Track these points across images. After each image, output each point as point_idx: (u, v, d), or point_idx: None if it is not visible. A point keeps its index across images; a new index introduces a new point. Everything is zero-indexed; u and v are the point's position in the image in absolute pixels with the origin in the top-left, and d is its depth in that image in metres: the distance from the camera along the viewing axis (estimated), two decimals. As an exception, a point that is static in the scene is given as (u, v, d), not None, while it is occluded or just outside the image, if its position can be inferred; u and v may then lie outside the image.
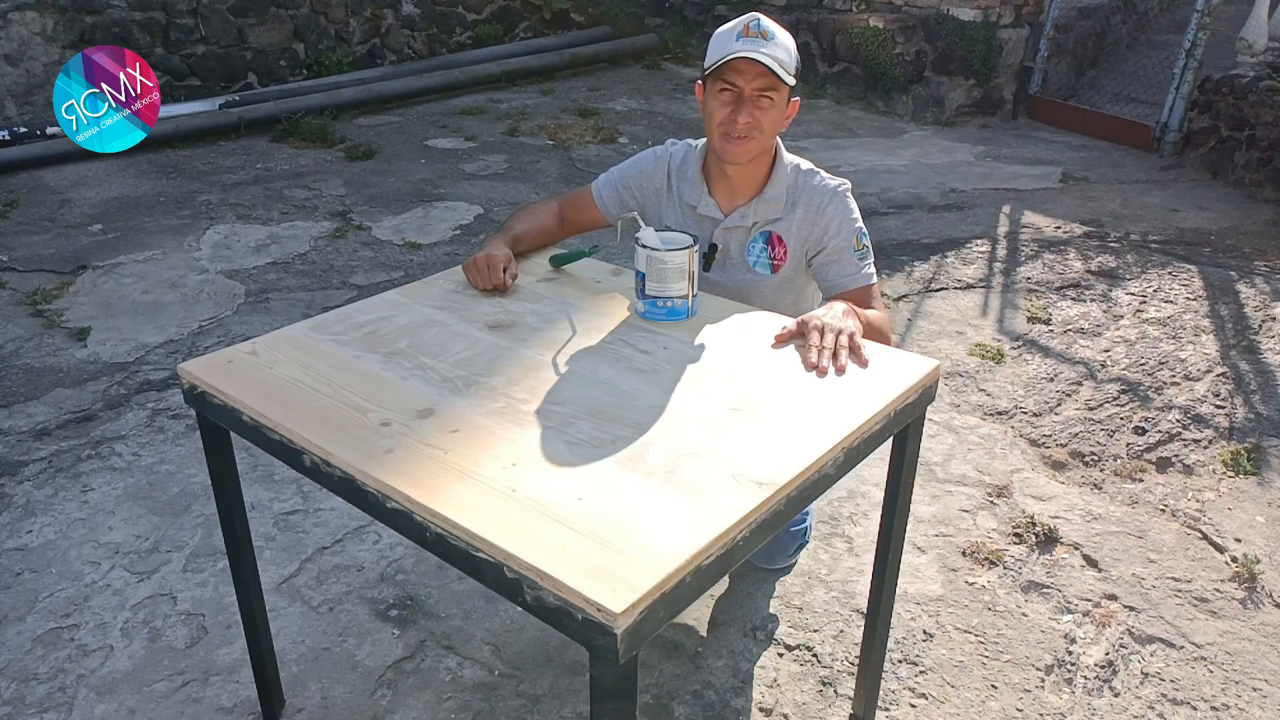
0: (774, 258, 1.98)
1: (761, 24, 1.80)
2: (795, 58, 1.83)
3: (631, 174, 2.08)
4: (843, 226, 1.93)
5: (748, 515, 1.19)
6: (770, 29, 1.80)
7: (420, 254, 4.19)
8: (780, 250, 1.97)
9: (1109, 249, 4.28)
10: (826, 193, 1.94)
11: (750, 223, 1.97)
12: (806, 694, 2.00)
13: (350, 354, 1.59)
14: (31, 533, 2.43)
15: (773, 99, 1.82)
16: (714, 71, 1.81)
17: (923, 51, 6.45)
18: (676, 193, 2.03)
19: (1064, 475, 2.74)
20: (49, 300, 3.68)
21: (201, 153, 5.52)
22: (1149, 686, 2.03)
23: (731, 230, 1.98)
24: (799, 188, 1.95)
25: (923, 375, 1.54)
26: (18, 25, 5.53)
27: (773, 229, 1.96)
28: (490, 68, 7.05)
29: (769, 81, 1.79)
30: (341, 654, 2.07)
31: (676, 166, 2.04)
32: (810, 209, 1.94)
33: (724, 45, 1.80)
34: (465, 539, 1.16)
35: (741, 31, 1.79)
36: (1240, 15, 5.68)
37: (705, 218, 1.99)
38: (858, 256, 1.93)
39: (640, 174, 2.07)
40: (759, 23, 1.80)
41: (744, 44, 1.78)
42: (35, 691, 1.96)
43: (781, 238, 1.96)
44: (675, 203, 2.03)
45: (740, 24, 1.81)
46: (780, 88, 1.82)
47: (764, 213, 1.96)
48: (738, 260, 2.00)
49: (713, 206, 1.98)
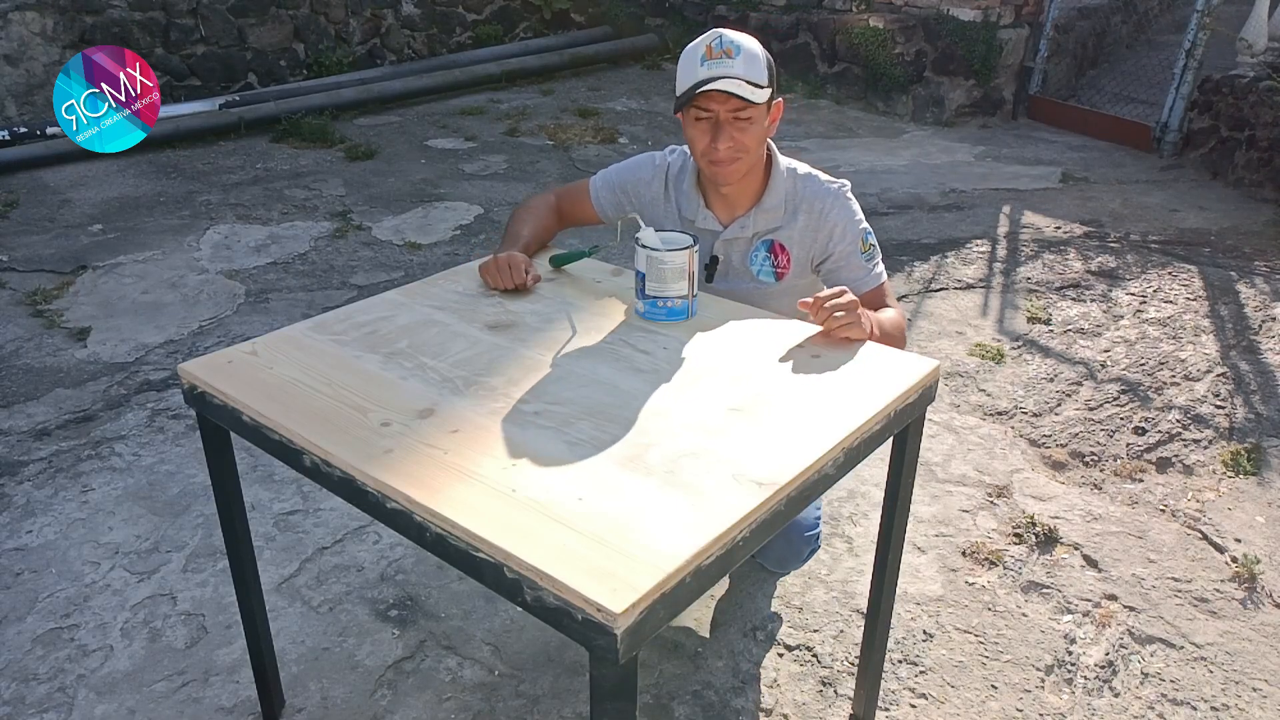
0: (778, 266, 1.95)
1: (724, 41, 1.73)
2: (767, 64, 1.77)
3: (629, 180, 2.05)
4: (847, 231, 1.90)
5: (748, 515, 1.19)
6: (735, 43, 1.73)
7: (420, 254, 4.19)
8: (784, 259, 1.94)
9: (1109, 249, 4.28)
10: (828, 197, 1.91)
11: (750, 233, 1.93)
12: (806, 694, 2.00)
13: (350, 354, 1.59)
14: (31, 533, 2.43)
15: (751, 116, 1.77)
16: (686, 100, 1.77)
17: (923, 52, 6.45)
18: (675, 204, 2.00)
19: (1064, 475, 2.74)
20: (49, 300, 3.68)
21: (201, 153, 5.52)
22: (1149, 687, 2.03)
23: (732, 242, 1.95)
24: (798, 194, 1.92)
25: (923, 375, 1.54)
26: (18, 25, 5.53)
27: (774, 237, 1.93)
28: (490, 68, 7.05)
29: (742, 102, 1.74)
30: (341, 654, 2.07)
31: (674, 178, 2.00)
32: (812, 215, 1.91)
33: (690, 72, 1.75)
34: (465, 539, 1.16)
35: (705, 55, 1.73)
36: (1240, 15, 5.68)
37: (704, 230, 1.96)
38: (865, 258, 1.90)
39: (638, 181, 2.04)
40: (721, 40, 1.74)
41: (709, 68, 1.72)
42: (35, 691, 1.96)
43: (784, 246, 1.93)
44: (673, 214, 1.99)
45: (703, 44, 1.75)
46: (756, 102, 1.76)
47: (764, 222, 1.93)
48: (741, 270, 1.97)
49: (711, 219, 1.95)
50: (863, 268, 1.90)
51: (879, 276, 1.92)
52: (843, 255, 1.90)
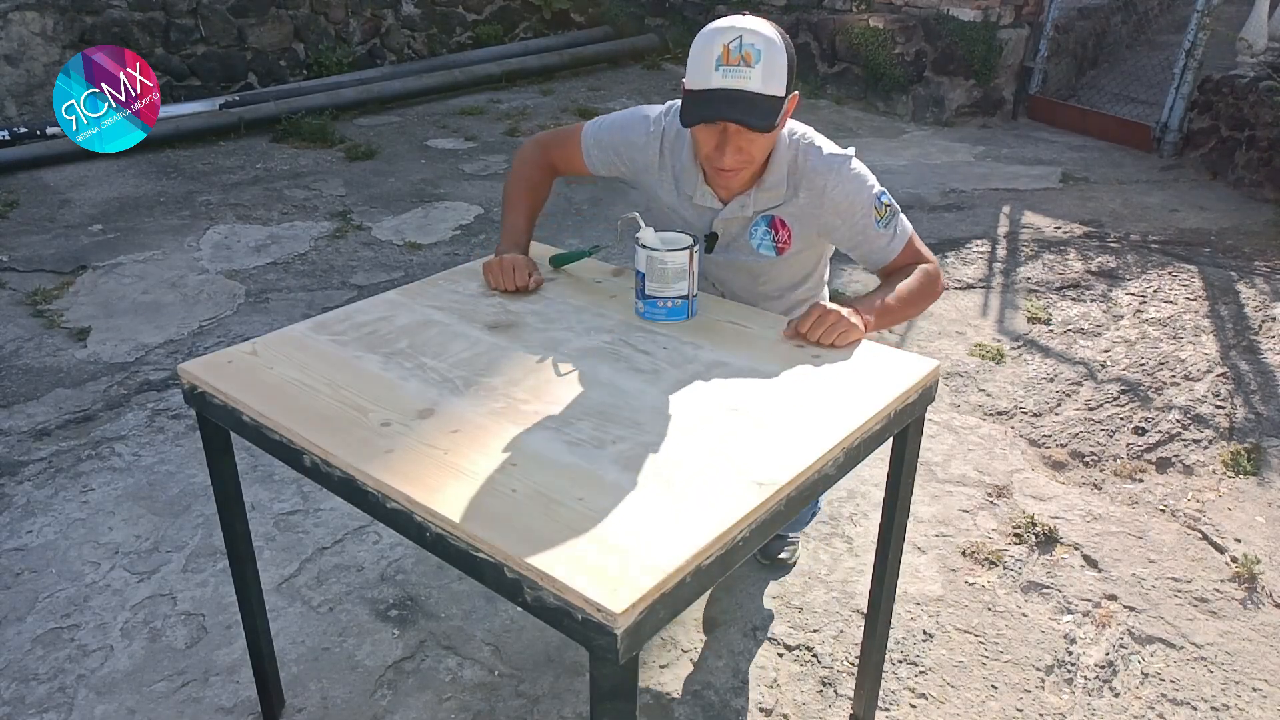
0: (778, 240, 1.87)
1: (744, 44, 1.60)
2: (787, 62, 1.65)
3: (621, 141, 1.93)
4: (855, 204, 1.79)
5: (748, 515, 1.19)
6: (754, 48, 1.60)
7: (420, 254, 4.19)
8: (785, 234, 1.86)
9: (1109, 249, 4.28)
10: (829, 173, 1.79)
11: (750, 212, 1.86)
12: (806, 694, 2.00)
13: (350, 354, 1.59)
14: (31, 533, 2.43)
15: None
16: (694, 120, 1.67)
17: (923, 52, 6.45)
18: (671, 173, 1.90)
19: (1064, 475, 2.74)
20: (49, 300, 3.68)
21: (201, 153, 5.52)
22: (1149, 687, 2.03)
23: (731, 220, 1.88)
24: (800, 169, 1.81)
25: (923, 375, 1.54)
26: (18, 25, 5.53)
27: (775, 213, 1.85)
28: (490, 68, 7.05)
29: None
30: (341, 654, 2.07)
31: (670, 146, 1.89)
32: (813, 193, 1.81)
33: (702, 73, 1.64)
34: (465, 539, 1.16)
35: (721, 58, 1.61)
36: (1240, 15, 5.68)
37: (702, 207, 1.88)
38: (881, 225, 1.80)
39: (631, 145, 1.92)
40: (740, 43, 1.60)
41: (724, 75, 1.61)
42: (35, 691, 1.96)
43: (785, 222, 1.85)
44: (669, 183, 1.91)
45: (719, 43, 1.62)
46: (768, 132, 1.67)
47: (764, 201, 1.84)
48: (740, 244, 1.90)
49: (709, 196, 1.86)
50: (882, 236, 1.82)
51: (903, 236, 1.84)
52: (858, 231, 1.82)
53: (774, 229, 1.87)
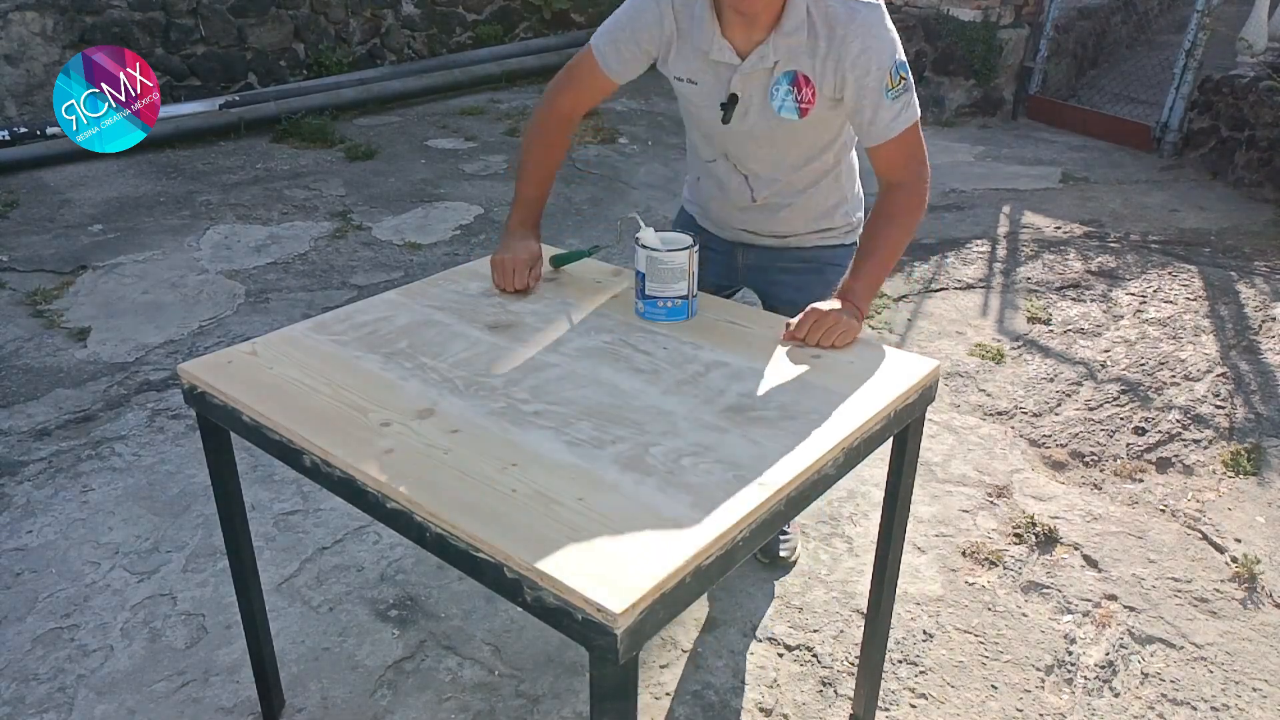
0: (801, 100, 1.72)
1: None
2: None
3: (631, 26, 1.81)
4: (870, 64, 1.63)
5: (748, 515, 1.19)
6: None
7: (420, 254, 4.19)
8: (808, 92, 1.71)
9: (1109, 249, 4.28)
10: (851, 22, 1.63)
11: (771, 63, 1.69)
12: (806, 694, 2.00)
13: (350, 354, 1.59)
14: (31, 533, 2.43)
15: None
16: None
17: (923, 52, 6.45)
18: (689, 35, 1.76)
19: (1064, 475, 2.74)
20: (49, 300, 3.68)
21: (201, 153, 5.52)
22: (1149, 687, 2.03)
23: (751, 75, 1.72)
24: (820, 12, 1.65)
25: (923, 375, 1.55)
26: (18, 25, 5.53)
27: (798, 68, 1.69)
28: (490, 68, 7.05)
29: None
30: (341, 654, 2.07)
31: (682, 6, 1.76)
32: (833, 42, 1.65)
33: None
34: (465, 539, 1.16)
35: None
36: (1240, 15, 5.68)
37: (720, 64, 1.73)
38: (890, 96, 1.65)
39: (642, 24, 1.80)
40: None
41: None
42: (35, 691, 1.96)
43: (808, 78, 1.69)
44: (687, 48, 1.77)
45: None
46: None
47: (785, 49, 1.68)
48: (761, 108, 1.76)
49: (727, 50, 1.71)
50: (887, 110, 1.66)
51: (907, 119, 1.69)
52: (864, 93, 1.66)
53: (796, 87, 1.72)
